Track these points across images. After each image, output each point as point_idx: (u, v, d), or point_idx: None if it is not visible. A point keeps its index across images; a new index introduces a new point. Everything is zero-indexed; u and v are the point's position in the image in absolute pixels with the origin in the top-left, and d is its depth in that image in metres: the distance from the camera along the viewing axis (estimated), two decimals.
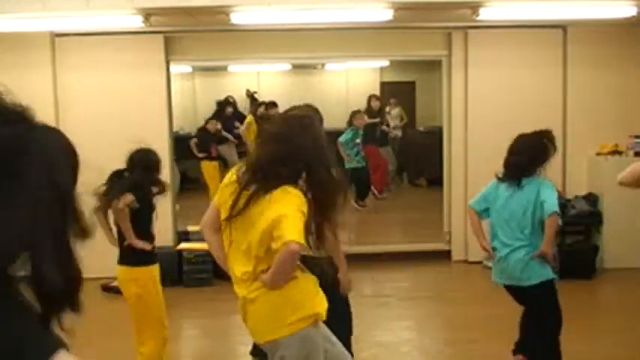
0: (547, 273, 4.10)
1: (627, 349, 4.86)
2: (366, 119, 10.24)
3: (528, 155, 4.10)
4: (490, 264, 7.37)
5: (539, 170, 4.13)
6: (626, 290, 6.56)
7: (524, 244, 4.06)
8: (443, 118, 7.74)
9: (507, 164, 4.18)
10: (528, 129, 7.14)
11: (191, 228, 7.05)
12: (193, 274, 6.77)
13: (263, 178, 2.80)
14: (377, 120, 11.04)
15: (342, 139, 9.98)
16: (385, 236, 9.29)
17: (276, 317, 2.82)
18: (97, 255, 4.15)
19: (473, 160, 7.25)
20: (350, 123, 10.02)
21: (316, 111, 3.89)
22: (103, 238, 4.17)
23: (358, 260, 7.52)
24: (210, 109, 11.94)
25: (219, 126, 10.43)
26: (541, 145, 4.16)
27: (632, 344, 4.99)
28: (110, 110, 7.11)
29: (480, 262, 7.00)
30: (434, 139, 9.67)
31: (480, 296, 6.22)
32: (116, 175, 4.21)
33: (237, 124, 10.86)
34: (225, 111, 11.31)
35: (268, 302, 2.82)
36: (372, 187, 11.00)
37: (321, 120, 3.81)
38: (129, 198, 4.01)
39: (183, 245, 6.92)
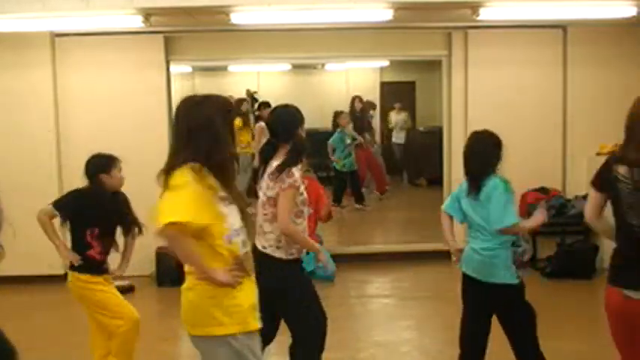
0: (510, 276, 3.88)
1: None
2: (349, 120, 10.26)
3: (482, 158, 3.92)
4: None
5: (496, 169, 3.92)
6: None
7: (495, 244, 3.90)
8: (443, 118, 7.74)
9: (469, 171, 3.97)
10: (528, 129, 7.16)
11: None
12: None
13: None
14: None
15: (331, 140, 10.06)
16: (385, 236, 9.30)
17: (207, 313, 2.78)
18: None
19: None
20: (336, 124, 10.09)
21: (296, 109, 3.94)
22: None
23: (358, 260, 7.54)
24: None
25: None
26: (493, 145, 3.96)
27: None
28: (110, 110, 7.11)
29: None
30: (434, 139, 9.68)
31: None
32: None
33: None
34: None
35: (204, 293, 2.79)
36: (375, 190, 11.07)
37: (301, 120, 3.88)
38: (45, 210, 4.07)
39: None
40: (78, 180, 4.24)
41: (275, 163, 3.78)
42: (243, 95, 11.96)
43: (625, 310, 2.98)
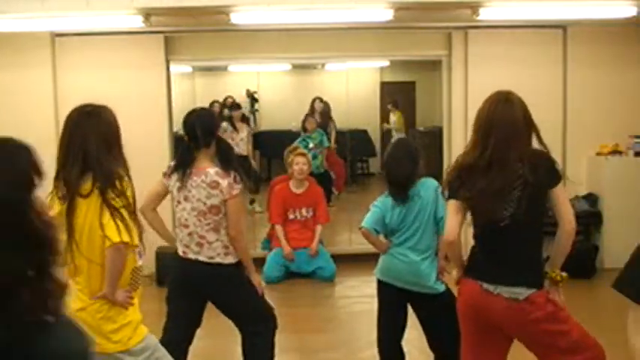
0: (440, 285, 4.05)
1: (627, 349, 4.85)
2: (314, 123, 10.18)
3: (410, 164, 3.94)
4: None
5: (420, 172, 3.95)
6: None
7: (429, 253, 4.01)
8: (443, 118, 7.74)
9: (394, 177, 3.96)
10: None
11: None
12: None
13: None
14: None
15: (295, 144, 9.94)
16: None
17: (100, 332, 2.91)
18: None
19: None
20: (304, 129, 9.97)
21: (214, 112, 3.97)
22: None
23: (358, 260, 7.53)
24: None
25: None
26: (413, 148, 4.03)
27: None
28: None
29: None
30: (434, 139, 9.67)
31: None
32: None
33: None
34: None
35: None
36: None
37: (222, 117, 3.93)
38: None
39: None
40: None
41: (212, 171, 3.69)
42: (244, 95, 11.97)
43: (482, 304, 2.96)
